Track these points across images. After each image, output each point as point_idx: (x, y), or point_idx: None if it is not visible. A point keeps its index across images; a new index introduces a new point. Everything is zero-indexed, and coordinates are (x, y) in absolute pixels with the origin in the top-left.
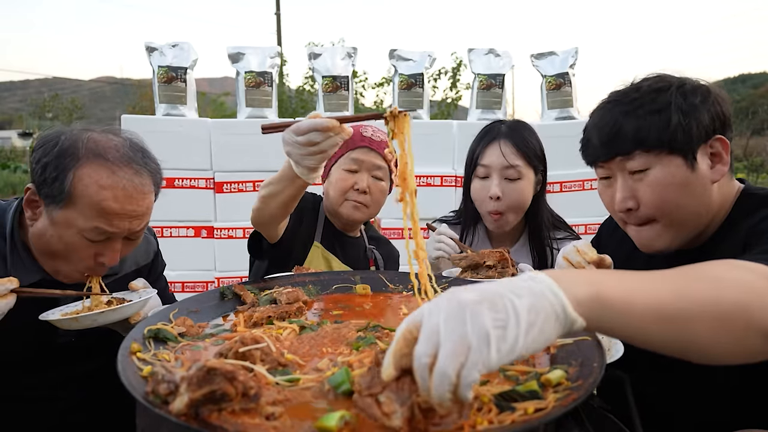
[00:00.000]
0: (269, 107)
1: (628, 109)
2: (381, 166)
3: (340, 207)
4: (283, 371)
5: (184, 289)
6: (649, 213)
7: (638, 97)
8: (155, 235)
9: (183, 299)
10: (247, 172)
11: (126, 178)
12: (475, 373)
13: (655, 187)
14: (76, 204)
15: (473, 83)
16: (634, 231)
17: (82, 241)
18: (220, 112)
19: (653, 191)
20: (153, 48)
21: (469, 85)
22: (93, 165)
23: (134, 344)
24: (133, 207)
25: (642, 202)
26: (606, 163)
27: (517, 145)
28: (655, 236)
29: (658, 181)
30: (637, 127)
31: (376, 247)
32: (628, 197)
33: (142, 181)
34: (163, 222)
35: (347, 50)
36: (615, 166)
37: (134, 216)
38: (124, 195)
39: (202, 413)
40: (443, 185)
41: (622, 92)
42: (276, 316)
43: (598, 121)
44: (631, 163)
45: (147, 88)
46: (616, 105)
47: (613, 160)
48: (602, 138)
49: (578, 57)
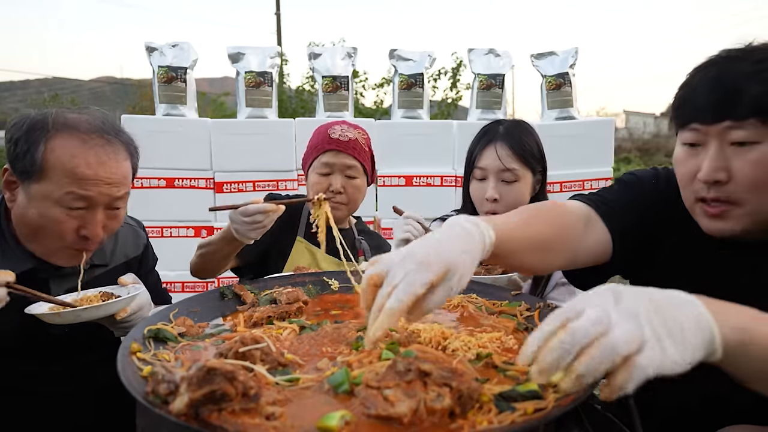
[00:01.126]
0: (269, 107)
1: (753, 69)
2: (352, 165)
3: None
4: (283, 371)
5: (184, 289)
6: (737, 192)
7: (765, 58)
8: (144, 229)
9: (183, 299)
10: (247, 172)
11: (98, 145)
12: (640, 372)
13: (759, 164)
14: (50, 175)
15: (473, 83)
16: (705, 209)
17: (62, 214)
18: (220, 112)
19: (755, 169)
20: (153, 48)
21: (469, 85)
22: (63, 135)
23: (134, 344)
24: (106, 173)
25: (735, 177)
26: (705, 126)
27: (514, 147)
28: (731, 223)
29: (765, 159)
30: (762, 92)
31: (367, 240)
32: (720, 167)
33: (114, 149)
34: (163, 222)
35: (347, 50)
36: (714, 133)
37: (109, 182)
38: (97, 161)
39: (202, 413)
40: (443, 185)
41: (748, 50)
42: (276, 316)
43: (712, 75)
44: (739, 133)
45: (147, 88)
46: (738, 61)
47: (717, 124)
48: (713, 96)
49: (578, 57)
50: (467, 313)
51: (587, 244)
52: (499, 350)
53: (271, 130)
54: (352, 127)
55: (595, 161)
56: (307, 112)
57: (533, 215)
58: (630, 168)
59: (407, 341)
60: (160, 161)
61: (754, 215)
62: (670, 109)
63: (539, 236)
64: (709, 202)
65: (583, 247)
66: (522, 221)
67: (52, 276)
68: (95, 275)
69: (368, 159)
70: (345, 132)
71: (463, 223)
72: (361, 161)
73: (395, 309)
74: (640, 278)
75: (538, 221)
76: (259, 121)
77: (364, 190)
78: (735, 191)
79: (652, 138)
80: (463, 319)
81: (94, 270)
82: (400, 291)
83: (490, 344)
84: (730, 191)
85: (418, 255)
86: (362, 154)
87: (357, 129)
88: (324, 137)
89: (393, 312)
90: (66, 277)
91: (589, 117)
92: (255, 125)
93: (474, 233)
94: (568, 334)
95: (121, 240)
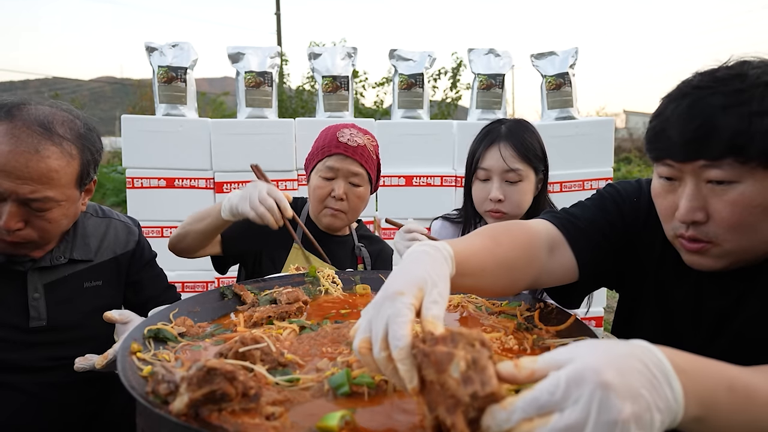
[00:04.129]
0: (269, 107)
1: (727, 103)
2: (358, 172)
3: (319, 215)
4: (283, 371)
5: (184, 289)
6: (717, 232)
7: (744, 89)
8: (139, 226)
9: (183, 299)
10: (247, 172)
11: (24, 136)
12: None
13: (736, 205)
14: None
15: (473, 83)
16: (684, 245)
17: None
18: (220, 112)
19: (732, 210)
20: (153, 48)
21: (469, 85)
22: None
23: (134, 344)
24: (18, 164)
25: (713, 218)
26: (680, 164)
27: (517, 147)
28: (711, 260)
29: (743, 200)
30: (738, 130)
31: (367, 246)
32: (697, 208)
33: (43, 146)
34: (164, 222)
35: (347, 50)
36: (689, 171)
37: (20, 176)
38: (10, 150)
39: (202, 413)
40: (443, 185)
41: (721, 79)
42: (276, 316)
43: (685, 111)
44: (715, 172)
45: (147, 88)
46: (711, 95)
47: (692, 162)
48: (686, 134)
49: (578, 57)
50: (467, 313)
51: (551, 267)
52: (499, 350)
53: (271, 130)
54: (361, 132)
55: (595, 161)
56: (307, 112)
57: (497, 234)
58: (630, 168)
59: None
60: (160, 161)
61: (734, 254)
62: (644, 140)
63: (504, 255)
64: (688, 239)
65: (546, 270)
66: (486, 240)
67: (29, 269)
68: (80, 269)
69: (374, 167)
70: (354, 137)
71: (421, 248)
72: (367, 169)
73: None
74: (625, 295)
75: (502, 240)
76: (259, 121)
77: (366, 199)
78: (714, 232)
79: None
80: (463, 319)
81: (76, 265)
82: (392, 337)
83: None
84: (708, 231)
85: (388, 289)
86: (369, 162)
87: (366, 135)
88: (332, 140)
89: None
90: (44, 271)
91: (589, 117)
92: (255, 125)
93: (432, 252)
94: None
95: (111, 236)
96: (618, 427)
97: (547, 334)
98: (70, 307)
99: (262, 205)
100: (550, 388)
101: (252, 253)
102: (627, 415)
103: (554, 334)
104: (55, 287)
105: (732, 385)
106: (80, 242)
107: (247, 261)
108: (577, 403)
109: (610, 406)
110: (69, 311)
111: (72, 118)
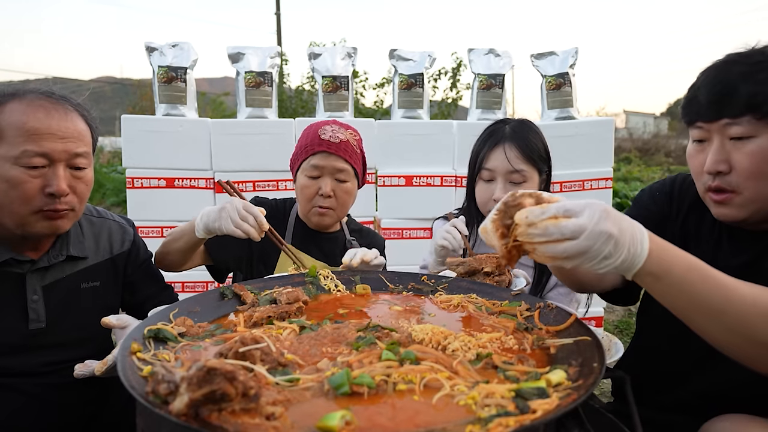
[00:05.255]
0: (269, 107)
1: (747, 71)
2: (343, 168)
3: (308, 214)
4: (283, 371)
5: (184, 289)
6: (738, 181)
7: (762, 60)
8: (134, 226)
9: (183, 299)
10: (247, 172)
11: (45, 104)
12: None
13: (754, 156)
14: (3, 137)
15: (473, 83)
16: (712, 197)
17: (23, 174)
18: (220, 112)
19: (751, 160)
20: (153, 48)
21: (469, 85)
22: (13, 102)
23: (134, 344)
24: (58, 126)
25: (735, 168)
26: (708, 124)
27: (522, 148)
28: (734, 209)
29: (760, 151)
30: (754, 90)
31: (358, 239)
32: (721, 160)
33: (63, 108)
34: (164, 222)
35: (347, 50)
36: (716, 129)
37: (63, 137)
38: (45, 113)
39: (202, 413)
40: (443, 185)
41: (744, 54)
42: (276, 316)
43: (712, 78)
44: (736, 129)
45: (147, 88)
46: (734, 65)
47: (717, 121)
48: (712, 97)
49: (578, 57)
50: (467, 313)
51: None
52: (499, 350)
53: (271, 130)
54: (343, 127)
55: (595, 161)
56: (307, 112)
57: None
58: (630, 168)
59: (407, 341)
60: (160, 161)
61: (754, 203)
62: (679, 110)
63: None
64: (715, 191)
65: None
66: None
67: (28, 271)
68: (77, 269)
69: (359, 161)
70: (336, 133)
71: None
72: (352, 164)
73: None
74: None
75: None
76: (259, 121)
77: (354, 194)
78: (736, 180)
79: (651, 138)
80: (463, 319)
81: (75, 264)
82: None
83: (490, 344)
84: (731, 181)
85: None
86: (353, 157)
87: (348, 129)
88: (314, 138)
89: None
90: (42, 272)
91: (589, 117)
92: (255, 125)
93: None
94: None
95: (106, 235)
96: (603, 237)
97: (547, 334)
98: (68, 309)
99: (245, 223)
100: (575, 204)
101: (243, 260)
102: (611, 232)
103: (554, 334)
104: (54, 288)
105: (690, 266)
106: (75, 240)
107: (241, 267)
108: (587, 215)
109: (604, 223)
110: (68, 313)
111: (58, 89)
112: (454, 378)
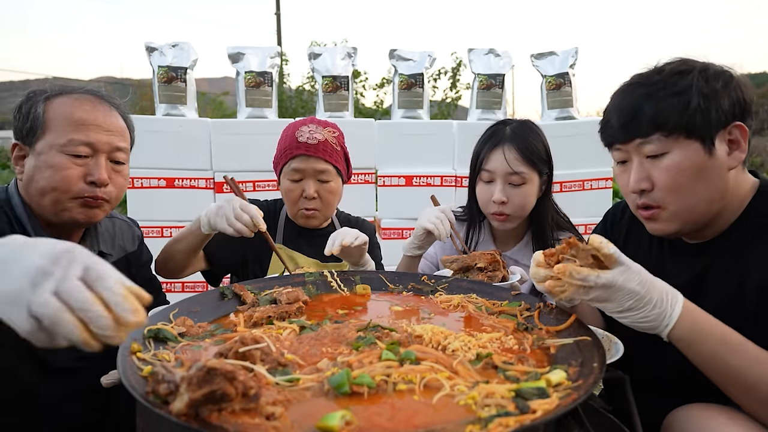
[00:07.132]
0: (269, 107)
1: (649, 92)
2: (324, 169)
3: (295, 216)
4: (283, 371)
5: (184, 289)
6: (661, 196)
7: (660, 79)
8: (138, 225)
9: (183, 299)
10: (247, 172)
11: (91, 99)
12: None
13: (670, 170)
14: (51, 127)
15: (473, 83)
16: (642, 214)
17: (67, 161)
18: (220, 112)
19: (668, 175)
20: (153, 48)
21: (469, 85)
22: (61, 97)
23: (134, 344)
24: (104, 118)
25: (656, 184)
26: (624, 145)
27: (521, 150)
28: (663, 224)
29: (675, 165)
30: (657, 110)
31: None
32: (642, 178)
33: (107, 105)
34: (164, 222)
35: (347, 50)
36: (632, 149)
37: (108, 129)
38: (91, 106)
39: (202, 413)
40: (443, 185)
41: (645, 75)
42: (276, 316)
43: (619, 102)
44: (649, 147)
45: (147, 88)
46: (637, 87)
47: (631, 142)
48: (621, 120)
49: (578, 57)
50: (467, 313)
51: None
52: (499, 350)
53: (271, 130)
54: (321, 125)
55: (595, 161)
56: (307, 112)
57: None
58: None
59: (407, 341)
60: (160, 161)
61: (681, 214)
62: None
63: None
64: (643, 208)
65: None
66: None
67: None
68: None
69: (341, 159)
70: (314, 134)
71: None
72: (333, 163)
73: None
74: None
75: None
76: (259, 121)
77: (339, 192)
78: (659, 196)
79: None
80: (463, 319)
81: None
82: None
83: (490, 344)
84: (656, 197)
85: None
86: (334, 155)
87: (327, 127)
88: (291, 141)
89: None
90: None
91: (589, 117)
92: (255, 125)
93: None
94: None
95: (119, 233)
96: (624, 291)
97: (547, 334)
98: None
99: (239, 222)
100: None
101: (239, 261)
102: (633, 288)
103: (554, 334)
104: None
105: (723, 338)
106: (101, 238)
107: (237, 269)
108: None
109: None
110: None
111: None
112: (454, 378)
